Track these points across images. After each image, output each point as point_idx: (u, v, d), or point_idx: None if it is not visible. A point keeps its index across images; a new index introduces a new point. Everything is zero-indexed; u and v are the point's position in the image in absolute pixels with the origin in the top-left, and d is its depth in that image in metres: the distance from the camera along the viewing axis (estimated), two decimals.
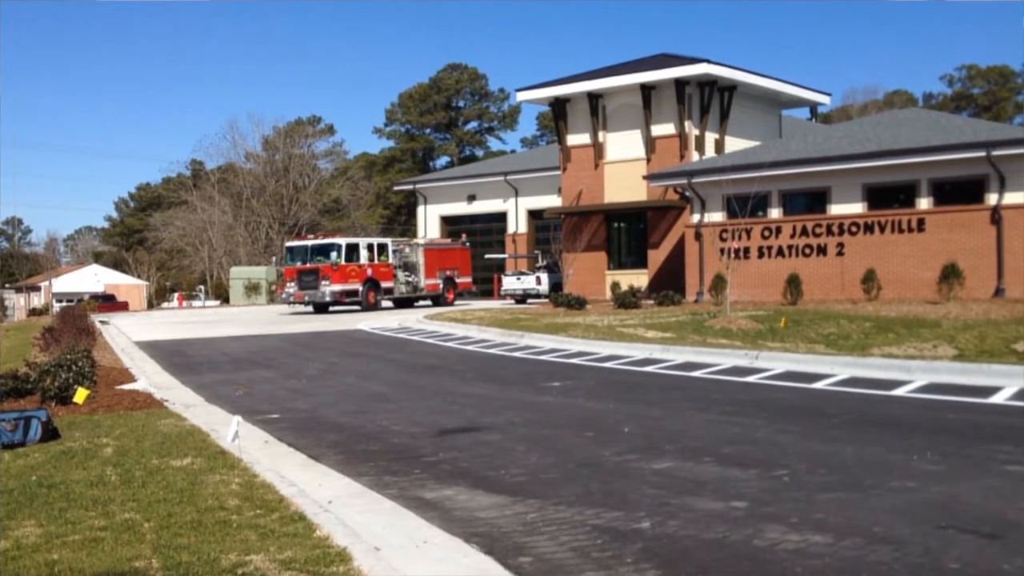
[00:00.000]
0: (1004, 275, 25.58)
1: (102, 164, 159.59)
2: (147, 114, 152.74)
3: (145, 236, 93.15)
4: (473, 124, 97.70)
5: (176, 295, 75.01)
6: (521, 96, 41.41)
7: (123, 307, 62.74)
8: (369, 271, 39.08)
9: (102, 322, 34.80)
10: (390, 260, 40.46)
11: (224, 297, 69.91)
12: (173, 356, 22.50)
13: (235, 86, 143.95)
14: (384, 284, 39.68)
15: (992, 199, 26.05)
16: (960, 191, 26.96)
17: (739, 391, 13.87)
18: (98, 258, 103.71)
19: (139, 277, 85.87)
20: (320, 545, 5.82)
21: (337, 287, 37.50)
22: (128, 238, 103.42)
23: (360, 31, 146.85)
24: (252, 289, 63.04)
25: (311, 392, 15.39)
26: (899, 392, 13.04)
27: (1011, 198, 25.75)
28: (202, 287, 76.58)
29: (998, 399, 12.10)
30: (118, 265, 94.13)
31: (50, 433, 10.16)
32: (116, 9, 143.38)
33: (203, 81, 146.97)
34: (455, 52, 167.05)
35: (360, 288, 38.68)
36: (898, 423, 10.66)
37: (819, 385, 14.07)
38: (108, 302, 63.24)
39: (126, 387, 15.14)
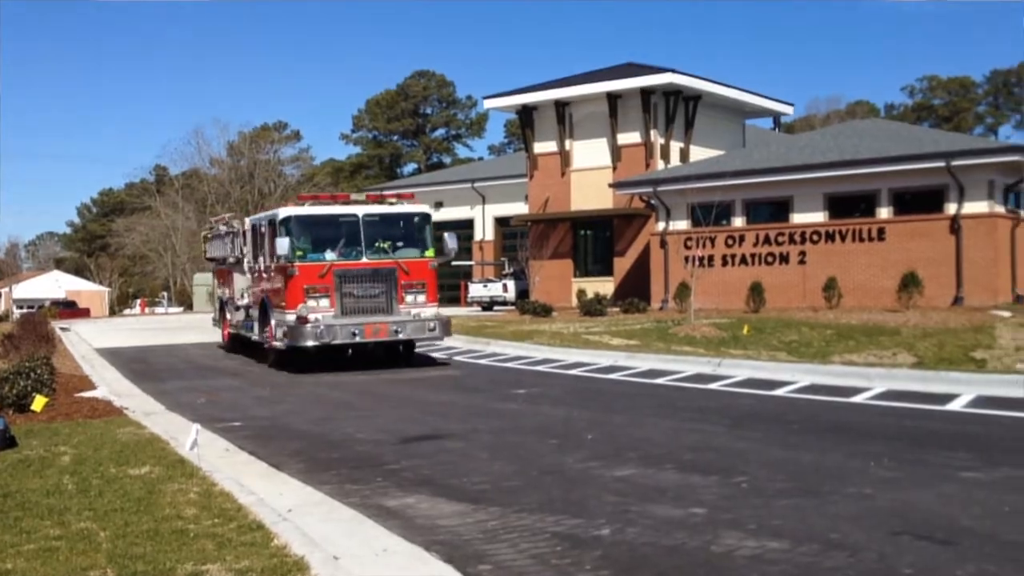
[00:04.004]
0: (963, 284, 25.94)
1: (65, 169, 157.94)
2: (111, 119, 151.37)
3: (108, 242, 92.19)
4: (440, 131, 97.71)
5: (138, 301, 74.29)
6: (488, 104, 41.46)
7: (85, 313, 62.02)
8: None
9: (63, 329, 34.36)
10: None
11: (188, 304, 69.34)
12: (134, 363, 22.28)
13: (201, 91, 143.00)
14: None
15: (951, 209, 26.41)
16: (920, 201, 27.31)
17: (702, 398, 13.96)
18: (60, 264, 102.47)
19: (101, 283, 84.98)
20: (278, 554, 5.79)
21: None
22: (90, 244, 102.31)
23: (327, 37, 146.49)
24: None
25: (275, 400, 15.31)
26: (858, 399, 13.19)
27: (970, 208, 26.12)
28: (165, 293, 75.92)
29: (955, 406, 12.27)
30: (80, 271, 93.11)
31: (7, 441, 10.02)
32: (79, 11, 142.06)
33: (168, 86, 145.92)
34: (423, 59, 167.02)
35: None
36: (857, 430, 10.78)
37: (780, 392, 14.19)
38: (69, 308, 62.52)
39: (86, 395, 14.97)
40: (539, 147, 38.92)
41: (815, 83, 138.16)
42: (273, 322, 19.92)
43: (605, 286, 35.67)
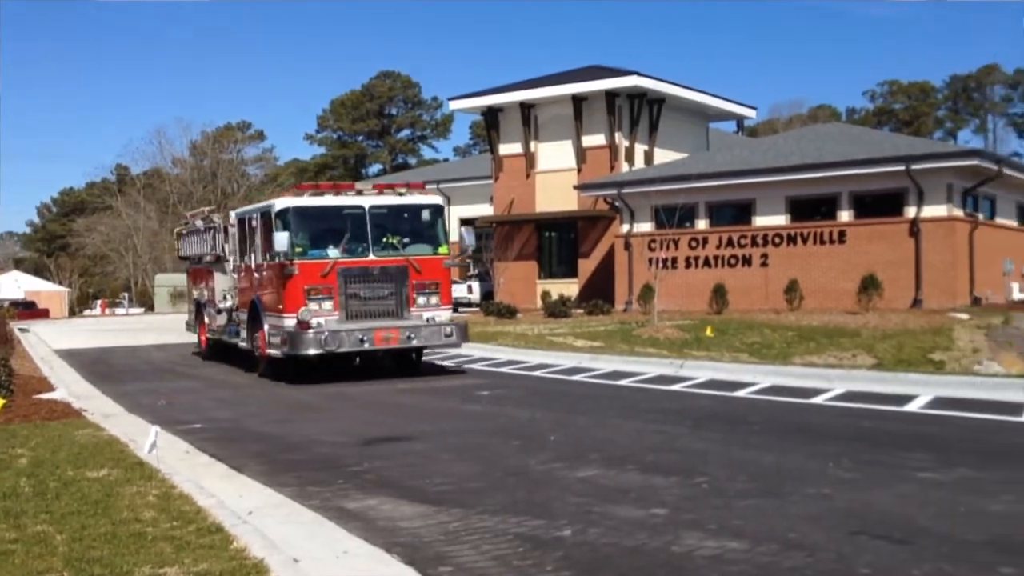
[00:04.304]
0: (922, 286, 26.27)
1: (24, 168, 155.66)
2: (71, 117, 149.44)
3: (68, 242, 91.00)
4: (406, 132, 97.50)
5: (99, 302, 73.40)
6: (454, 105, 41.42)
7: (44, 314, 61.16)
8: None
9: (21, 330, 33.91)
10: None
11: (149, 304, 68.65)
12: (94, 365, 22.04)
13: (163, 90, 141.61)
14: None
15: (911, 212, 26.74)
16: (880, 204, 27.62)
17: (664, 399, 14.03)
18: (18, 264, 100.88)
19: (61, 284, 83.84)
20: (237, 557, 5.75)
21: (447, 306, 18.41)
22: (50, 244, 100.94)
23: (292, 37, 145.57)
24: (178, 296, 62.01)
25: (236, 401, 15.21)
26: (818, 400, 13.32)
27: (929, 211, 26.46)
28: (126, 294, 75.10)
29: (913, 407, 12.42)
30: (39, 271, 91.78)
31: None
32: (39, 8, 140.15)
33: (130, 84, 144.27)
34: (388, 60, 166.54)
35: None
36: (817, 431, 10.89)
37: (741, 393, 14.30)
38: (28, 309, 61.57)
39: (44, 396, 14.77)
40: (504, 149, 38.94)
41: (778, 87, 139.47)
42: (266, 327, 17.83)
43: (570, 288, 35.74)
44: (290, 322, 16.83)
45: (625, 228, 32.38)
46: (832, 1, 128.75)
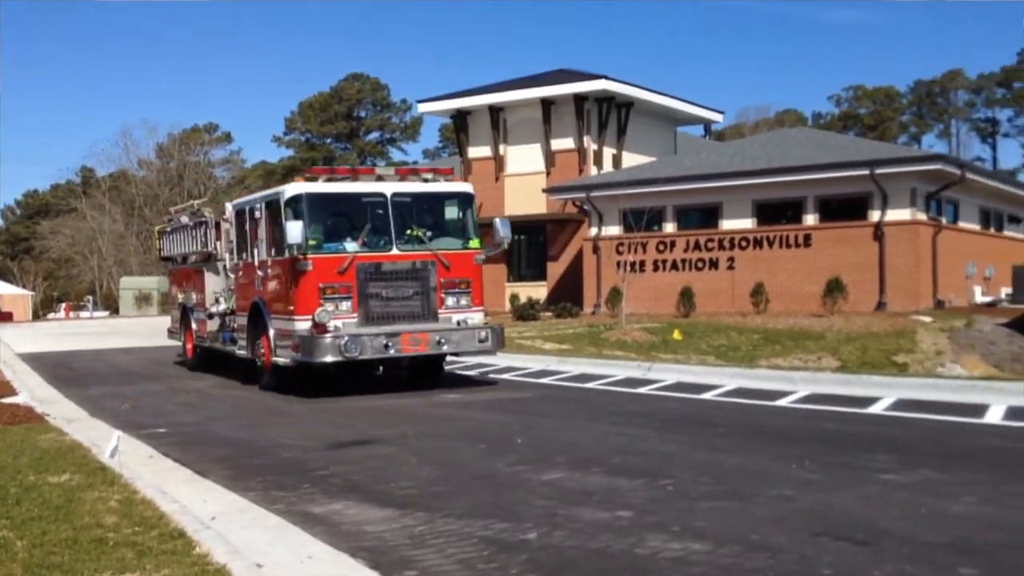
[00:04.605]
0: (886, 289, 26.55)
1: None
2: (35, 119, 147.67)
3: (32, 245, 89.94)
4: (375, 135, 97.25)
5: (63, 305, 72.60)
6: (422, 108, 41.36)
7: (7, 318, 60.42)
8: None
9: None
10: None
11: (114, 308, 67.98)
12: (58, 369, 21.81)
13: (130, 91, 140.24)
14: None
15: (875, 216, 27.02)
16: (845, 208, 27.90)
17: (631, 402, 14.08)
18: None
19: (25, 287, 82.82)
20: (199, 563, 5.70)
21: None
22: (14, 247, 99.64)
23: (260, 38, 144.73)
24: (143, 300, 61.53)
25: (201, 405, 15.10)
26: (783, 402, 13.42)
27: (893, 215, 26.75)
28: (91, 297, 74.32)
29: (876, 409, 12.54)
30: (3, 275, 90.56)
31: None
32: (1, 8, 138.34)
33: (96, 85, 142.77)
34: (357, 62, 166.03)
35: None
36: (781, 433, 10.97)
37: (708, 396, 14.38)
38: None
39: (6, 401, 14.60)
40: (473, 152, 38.94)
41: (745, 91, 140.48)
42: (272, 332, 15.90)
43: (538, 291, 35.79)
44: (302, 325, 14.92)
45: (593, 231, 32.48)
46: (798, 6, 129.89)
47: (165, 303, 63.03)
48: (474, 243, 16.22)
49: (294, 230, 14.67)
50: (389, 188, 15.78)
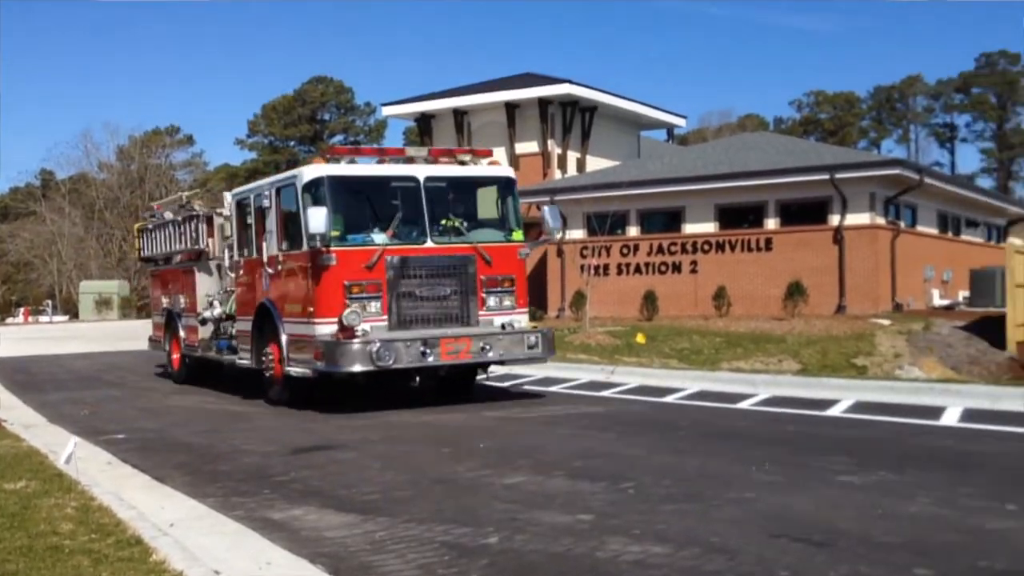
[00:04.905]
0: (846, 293, 26.84)
1: None
2: None
3: None
4: (339, 138, 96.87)
5: (22, 310, 71.57)
6: (387, 111, 41.29)
7: None
8: None
9: None
10: None
11: (73, 312, 67.14)
12: (16, 374, 21.53)
13: (90, 93, 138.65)
14: None
15: (835, 220, 27.32)
16: (805, 212, 28.18)
17: (594, 405, 14.12)
18: None
19: None
20: (156, 570, 5.65)
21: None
22: None
23: (222, 40, 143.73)
24: (103, 304, 60.83)
25: (161, 411, 14.96)
26: (744, 405, 13.52)
27: (852, 219, 27.06)
28: (50, 302, 73.32)
29: (835, 411, 12.67)
30: None
31: None
32: None
33: (56, 87, 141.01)
34: (321, 65, 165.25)
35: None
36: (741, 435, 11.04)
37: (670, 399, 14.46)
38: None
39: None
40: None
41: (707, 96, 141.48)
42: (284, 338, 14.11)
43: None
44: (325, 329, 13.21)
45: (558, 235, 32.54)
46: (760, 12, 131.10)
47: (126, 307, 62.47)
48: (517, 235, 14.58)
49: (317, 218, 12.82)
50: (422, 171, 14.03)
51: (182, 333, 18.84)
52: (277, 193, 14.52)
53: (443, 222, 14.02)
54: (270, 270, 14.65)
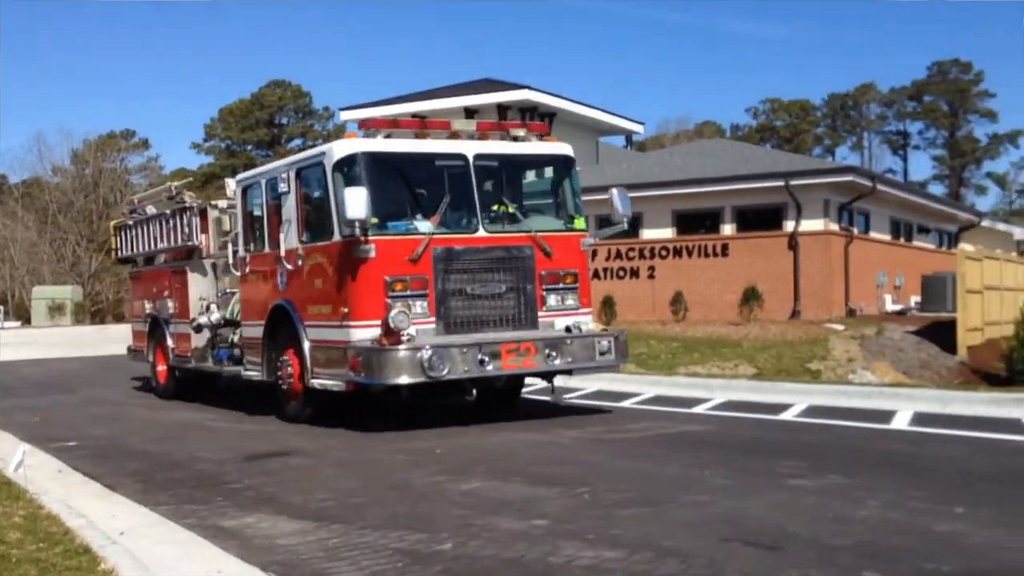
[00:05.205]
0: (800, 298, 27.13)
1: None
2: None
3: None
4: (297, 142, 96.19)
5: None
6: (345, 115, 41.08)
7: None
8: None
9: None
10: None
11: (26, 318, 66.07)
12: None
13: (44, 96, 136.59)
14: None
15: (790, 226, 27.62)
16: (761, 218, 28.47)
17: (552, 411, 14.15)
18: None
19: None
20: None
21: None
22: None
23: (179, 43, 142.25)
24: (56, 310, 59.97)
25: (115, 418, 14.80)
26: (699, 409, 13.63)
27: (807, 225, 27.38)
28: (1, 307, 72.10)
29: (788, 416, 12.82)
30: None
31: None
32: None
33: (8, 90, 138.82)
34: (279, 69, 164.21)
35: None
36: (696, 439, 11.13)
37: (627, 404, 14.53)
38: None
39: None
40: None
41: (665, 103, 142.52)
42: (306, 345, 12.36)
43: None
44: (362, 334, 11.48)
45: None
46: (717, 20, 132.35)
47: (79, 313, 61.59)
48: (579, 223, 12.95)
49: (356, 201, 10.99)
50: (471, 148, 12.33)
51: (170, 342, 16.81)
52: (297, 176, 12.72)
53: (495, 207, 12.33)
54: (288, 266, 12.80)
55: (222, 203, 15.66)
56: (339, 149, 11.90)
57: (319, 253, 12.33)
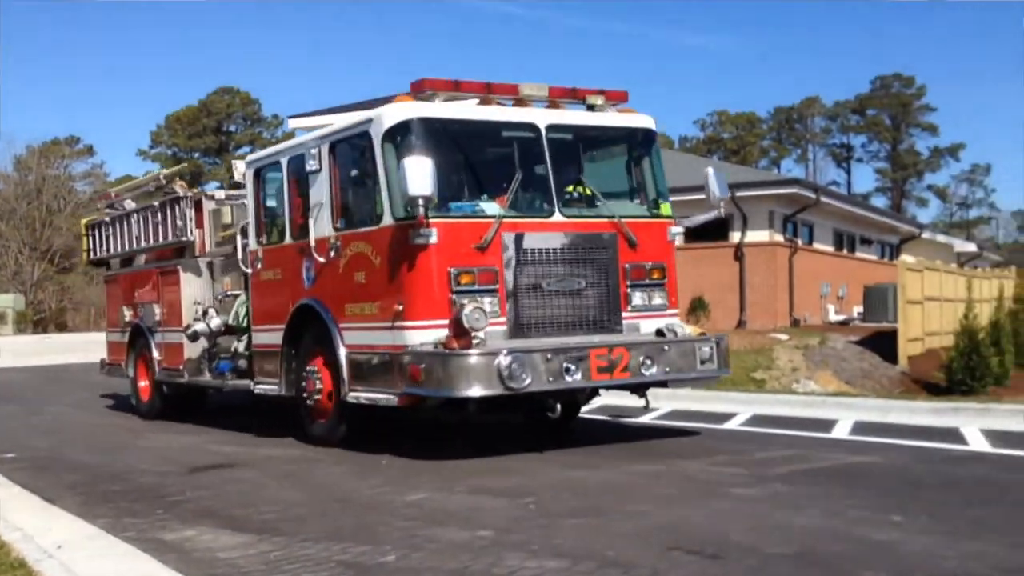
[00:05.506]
0: (746, 308, 27.47)
1: None
2: None
3: None
4: (245, 149, 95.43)
5: None
6: (293, 123, 40.41)
7: None
8: None
9: None
10: None
11: None
12: None
13: None
14: None
15: (736, 237, 27.97)
16: (708, 229, 28.66)
17: (497, 421, 14.14)
18: None
19: None
20: None
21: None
22: None
23: (126, 49, 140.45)
24: None
25: (55, 429, 14.55)
26: (645, 419, 13.70)
27: (752, 236, 27.75)
28: None
29: (732, 424, 12.95)
30: None
31: None
32: None
33: None
34: (227, 75, 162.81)
35: None
36: (642, 449, 11.17)
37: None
38: None
39: None
40: None
41: None
42: (343, 352, 10.57)
43: None
44: (421, 336, 9.73)
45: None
46: (665, 32, 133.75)
47: (21, 322, 60.40)
48: (665, 208, 11.29)
49: (419, 173, 9.19)
50: (543, 118, 10.59)
51: (156, 353, 14.79)
52: (332, 151, 10.92)
53: (570, 188, 10.74)
54: (319, 258, 10.96)
55: (219, 193, 14.26)
56: (390, 115, 10.06)
57: (361, 241, 10.46)
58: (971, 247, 52.76)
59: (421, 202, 9.32)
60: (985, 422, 12.35)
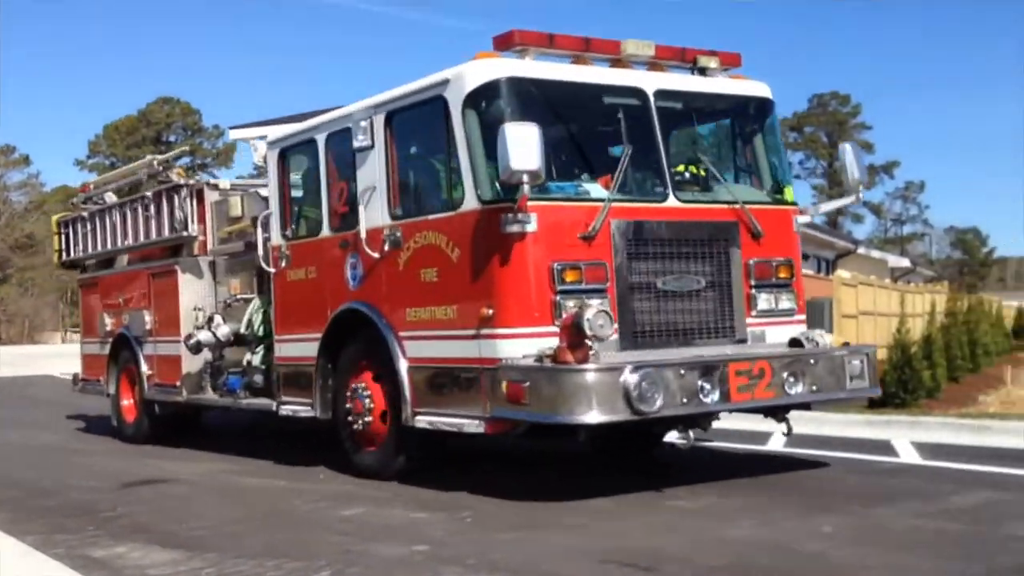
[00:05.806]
0: None
1: None
2: None
3: None
4: (185, 160, 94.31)
5: None
6: (234, 134, 40.43)
7: None
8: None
9: None
10: None
11: None
12: None
13: None
14: None
15: None
16: None
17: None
18: None
19: None
20: None
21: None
22: None
23: (62, 57, 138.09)
24: None
25: None
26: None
27: None
28: None
29: (670, 437, 13.01)
30: None
31: None
32: None
33: None
34: (167, 85, 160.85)
35: None
36: (578, 462, 11.24)
37: None
38: None
39: None
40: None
41: None
42: (403, 365, 8.87)
43: None
44: (515, 347, 8.02)
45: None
46: None
47: None
48: (789, 193, 9.58)
49: (524, 143, 7.42)
50: (650, 82, 8.87)
51: (146, 367, 12.87)
52: (388, 122, 9.08)
53: (680, 168, 9.08)
54: (372, 253, 9.12)
55: (224, 182, 12.76)
56: (474, 75, 8.25)
57: (431, 230, 8.66)
58: (905, 262, 53.87)
59: (526, 179, 7.52)
60: (916, 434, 12.62)
